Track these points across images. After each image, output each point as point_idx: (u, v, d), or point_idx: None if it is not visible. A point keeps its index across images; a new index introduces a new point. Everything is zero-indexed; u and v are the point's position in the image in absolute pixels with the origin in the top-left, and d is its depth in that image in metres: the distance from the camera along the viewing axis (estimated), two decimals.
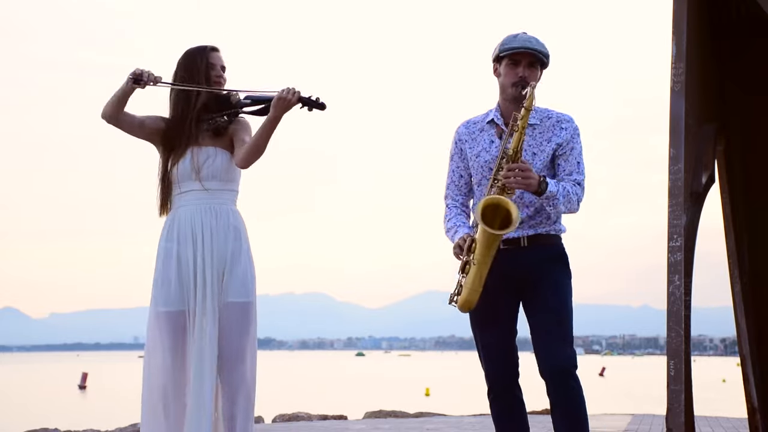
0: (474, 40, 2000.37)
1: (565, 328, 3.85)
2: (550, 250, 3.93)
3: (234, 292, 4.04)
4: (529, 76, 3.87)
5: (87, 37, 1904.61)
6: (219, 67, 4.16)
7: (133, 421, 11.01)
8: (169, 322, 4.04)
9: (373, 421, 9.36)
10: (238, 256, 4.07)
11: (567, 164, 3.92)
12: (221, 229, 4.07)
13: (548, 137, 3.93)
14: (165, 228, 4.13)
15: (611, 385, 43.66)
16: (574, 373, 3.82)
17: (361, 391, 36.70)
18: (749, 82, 5.11)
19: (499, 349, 3.94)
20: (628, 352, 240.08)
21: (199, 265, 4.03)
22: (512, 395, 3.97)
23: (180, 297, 4.04)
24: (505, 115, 3.95)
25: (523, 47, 3.86)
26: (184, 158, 4.08)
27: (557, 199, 3.81)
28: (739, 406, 7.71)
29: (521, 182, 3.74)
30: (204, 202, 4.08)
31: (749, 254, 5.23)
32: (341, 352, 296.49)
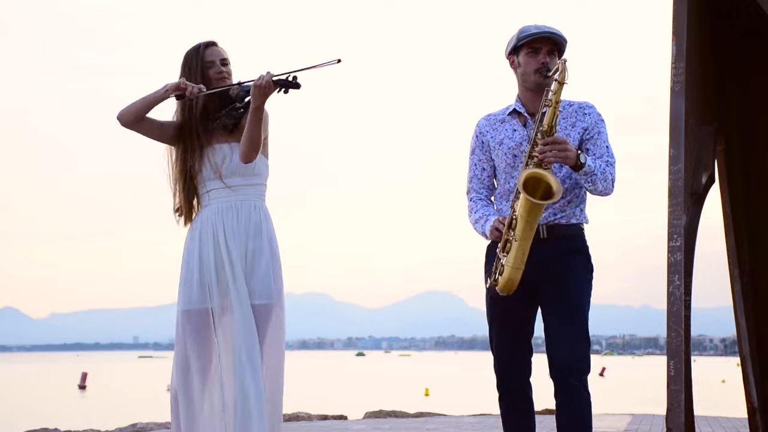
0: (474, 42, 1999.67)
1: (580, 330, 3.77)
2: (569, 242, 3.83)
3: (254, 294, 4.00)
4: (551, 62, 3.81)
5: (87, 37, 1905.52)
6: (218, 62, 4.07)
7: (133, 421, 11.00)
8: (191, 320, 4.02)
9: (373, 421, 9.36)
10: (259, 255, 4.02)
11: (596, 148, 3.84)
12: (242, 228, 4.02)
13: (572, 122, 3.86)
14: (191, 228, 4.11)
15: (611, 385, 43.67)
16: (583, 378, 3.75)
17: (361, 391, 36.69)
18: (749, 81, 5.11)
19: (511, 345, 3.87)
20: (628, 352, 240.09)
21: (223, 266, 4.00)
22: (521, 393, 3.91)
23: (201, 296, 4.01)
24: (527, 105, 3.89)
25: (543, 32, 3.80)
26: (202, 159, 4.05)
27: (595, 175, 3.73)
28: (739, 406, 7.71)
29: (558, 155, 3.65)
30: (225, 201, 4.04)
31: (749, 254, 5.23)
32: (341, 352, 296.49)
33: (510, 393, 3.92)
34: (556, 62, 3.80)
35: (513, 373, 3.90)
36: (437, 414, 11.20)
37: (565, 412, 3.78)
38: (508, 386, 3.91)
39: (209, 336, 4.01)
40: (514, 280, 3.68)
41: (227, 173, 4.04)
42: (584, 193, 3.90)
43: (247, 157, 3.97)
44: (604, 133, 3.87)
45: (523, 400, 3.93)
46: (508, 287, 3.70)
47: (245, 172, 4.05)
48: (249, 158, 3.98)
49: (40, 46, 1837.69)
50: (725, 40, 5.06)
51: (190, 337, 4.01)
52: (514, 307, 3.85)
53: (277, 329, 4.07)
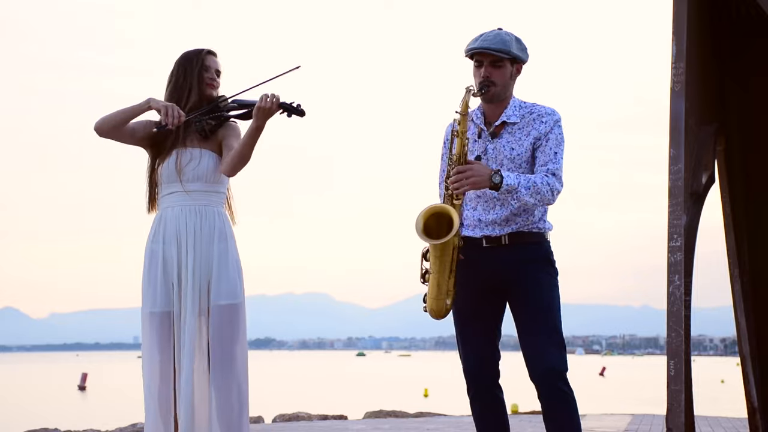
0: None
1: (554, 332, 3.80)
2: (532, 249, 3.86)
3: (223, 295, 4.06)
4: (493, 74, 3.81)
5: (87, 37, 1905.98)
6: (213, 71, 4.16)
7: (133, 421, 11.02)
8: (155, 323, 4.07)
9: (373, 421, 9.36)
10: (225, 258, 4.08)
11: (542, 155, 3.84)
12: (206, 232, 4.08)
13: (527, 132, 3.87)
14: (152, 229, 4.16)
15: (611, 385, 43.65)
16: (564, 377, 3.78)
17: (361, 391, 36.70)
18: (749, 81, 5.11)
19: (478, 348, 3.90)
20: (628, 352, 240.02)
21: (184, 267, 4.06)
22: (492, 395, 3.93)
23: (166, 298, 4.07)
24: (487, 115, 3.92)
25: (481, 48, 3.81)
26: (169, 159, 4.11)
27: (518, 191, 3.73)
28: (739, 406, 7.71)
29: (465, 183, 3.70)
30: (188, 204, 4.09)
31: (749, 254, 5.23)
32: (341, 352, 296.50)
33: (481, 394, 3.93)
34: (504, 72, 3.83)
35: (482, 373, 3.92)
36: (437, 414, 11.20)
37: (552, 416, 3.80)
38: (478, 386, 3.93)
39: (169, 339, 4.07)
40: (436, 309, 3.81)
41: (191, 177, 4.09)
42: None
43: (233, 170, 4.04)
44: (554, 139, 3.85)
45: (495, 401, 3.94)
46: (434, 315, 3.83)
47: (209, 179, 4.11)
48: (234, 172, 4.06)
49: (40, 46, 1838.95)
50: (725, 40, 5.06)
51: (158, 340, 4.07)
52: (484, 305, 3.90)
53: (245, 326, 4.13)
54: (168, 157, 4.11)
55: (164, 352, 4.06)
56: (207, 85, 4.14)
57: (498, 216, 3.86)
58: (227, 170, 4.04)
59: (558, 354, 3.78)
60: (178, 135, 4.11)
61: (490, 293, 3.88)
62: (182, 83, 4.12)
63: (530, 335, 3.81)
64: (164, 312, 4.07)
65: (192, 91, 4.11)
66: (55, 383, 50.34)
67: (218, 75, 4.19)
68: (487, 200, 3.88)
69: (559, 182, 3.82)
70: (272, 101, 3.90)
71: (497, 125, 3.89)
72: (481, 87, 3.82)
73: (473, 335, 3.91)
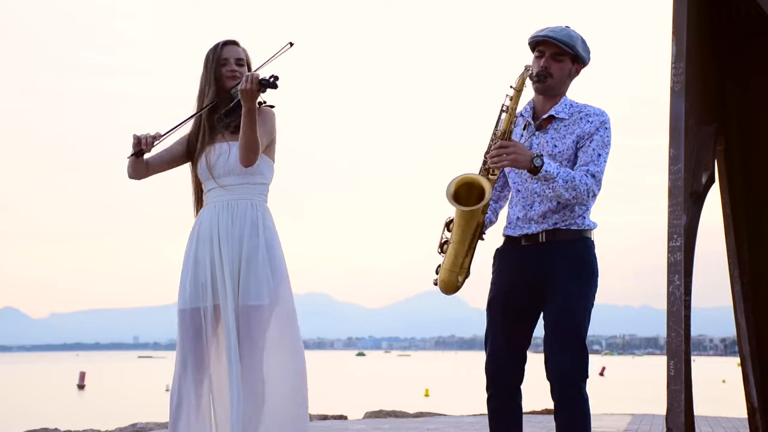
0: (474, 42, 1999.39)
1: (574, 338, 3.73)
2: (570, 249, 3.78)
3: (247, 295, 3.98)
4: (553, 66, 3.78)
5: (87, 37, 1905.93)
6: (232, 61, 4.09)
7: (133, 420, 11.00)
8: (185, 320, 4.03)
9: (373, 421, 9.35)
10: (254, 255, 4.00)
11: (584, 155, 3.77)
12: (237, 227, 4.02)
13: (572, 130, 3.81)
14: (191, 230, 4.13)
15: (611, 385, 43.66)
16: (580, 384, 3.72)
17: (361, 391, 36.70)
18: (749, 81, 5.11)
19: (503, 347, 3.83)
20: (628, 352, 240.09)
21: (217, 265, 4.00)
22: (510, 397, 3.86)
23: (195, 295, 4.02)
24: (537, 108, 3.88)
25: (546, 36, 3.77)
26: (200, 160, 4.08)
27: (556, 181, 3.66)
28: (739, 406, 7.71)
29: (506, 158, 3.63)
30: (221, 200, 4.05)
31: (749, 254, 5.23)
32: (341, 352, 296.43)
33: (500, 393, 3.86)
34: (564, 67, 3.80)
35: (507, 372, 3.85)
36: (437, 414, 11.19)
37: (559, 419, 3.77)
38: (498, 386, 3.86)
39: (201, 336, 4.02)
40: (447, 281, 3.78)
41: (222, 172, 4.04)
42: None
43: (247, 160, 3.93)
44: (599, 140, 3.78)
45: (512, 403, 3.88)
46: (443, 287, 3.81)
47: (242, 171, 4.03)
48: (249, 162, 3.94)
49: (40, 46, 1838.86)
50: (725, 40, 5.06)
51: (185, 337, 4.03)
52: (518, 306, 3.85)
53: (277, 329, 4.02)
54: (200, 157, 4.08)
55: (190, 349, 4.01)
56: (227, 79, 4.08)
57: (536, 212, 3.81)
58: (242, 161, 3.97)
59: (572, 360, 3.70)
60: (205, 134, 4.08)
61: (525, 294, 3.81)
62: (203, 83, 4.11)
63: (554, 339, 3.75)
64: (194, 308, 4.03)
65: (208, 89, 4.08)
66: (55, 383, 50.33)
67: (241, 64, 4.11)
68: (526, 196, 3.84)
69: (597, 185, 3.75)
70: (251, 82, 3.83)
71: (544, 119, 3.84)
72: (538, 75, 3.78)
73: (500, 333, 3.85)
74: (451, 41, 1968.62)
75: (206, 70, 4.11)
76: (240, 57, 4.13)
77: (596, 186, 3.75)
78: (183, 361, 4.03)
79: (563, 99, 3.86)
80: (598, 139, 3.79)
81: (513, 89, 3.72)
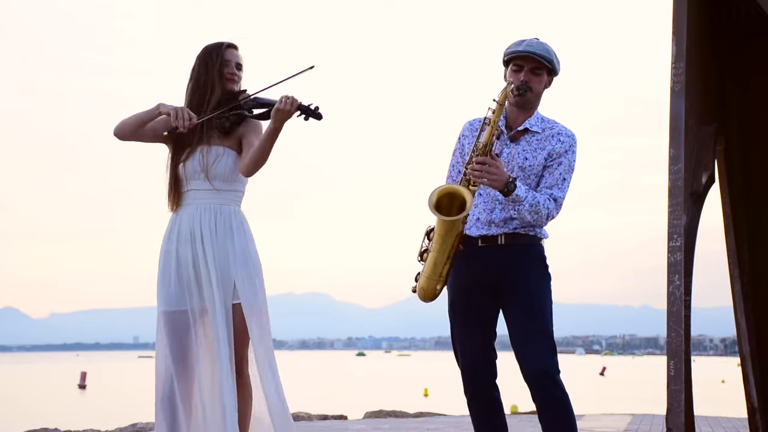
0: (473, 42, 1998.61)
1: (545, 335, 3.79)
2: (527, 251, 3.87)
3: (236, 294, 4.02)
4: (532, 80, 3.84)
5: (87, 36, 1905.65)
6: (233, 64, 4.13)
7: (133, 421, 11.00)
8: (169, 322, 4.04)
9: (373, 421, 9.35)
10: (241, 257, 4.04)
11: (550, 177, 3.87)
12: (222, 230, 4.05)
13: (543, 146, 3.88)
14: (168, 228, 4.13)
15: (611, 385, 43.66)
16: (556, 378, 3.77)
17: (361, 391, 36.71)
18: (749, 81, 5.11)
19: (474, 348, 3.89)
20: (628, 352, 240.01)
21: (201, 265, 4.02)
22: (489, 395, 3.92)
23: (180, 297, 4.03)
24: (509, 119, 3.92)
25: (526, 51, 3.82)
26: (194, 156, 4.08)
27: (522, 205, 3.77)
28: (739, 406, 7.71)
29: (486, 176, 3.71)
30: (207, 202, 4.07)
31: (749, 254, 5.23)
32: (341, 352, 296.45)
33: (478, 394, 3.92)
34: (541, 80, 3.86)
35: (479, 372, 3.91)
36: (437, 414, 11.20)
37: (544, 418, 3.81)
38: (475, 386, 3.92)
39: (189, 337, 4.04)
40: (426, 289, 3.83)
41: (214, 175, 4.07)
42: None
43: (250, 171, 4.02)
44: (566, 164, 3.87)
45: (492, 401, 3.93)
46: (422, 294, 3.86)
47: (230, 178, 4.09)
48: (251, 173, 4.03)
49: (40, 45, 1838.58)
50: (725, 40, 5.06)
51: (171, 339, 4.03)
52: (478, 305, 3.90)
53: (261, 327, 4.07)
54: (193, 154, 4.08)
55: (176, 351, 4.02)
56: (227, 80, 4.11)
57: (497, 217, 3.87)
58: (245, 171, 4.02)
59: (548, 357, 3.77)
60: (203, 133, 4.08)
61: (484, 292, 3.88)
62: (204, 80, 4.10)
63: (520, 338, 3.81)
64: (178, 311, 4.04)
65: (215, 87, 4.08)
66: (55, 383, 50.34)
67: (239, 68, 4.15)
68: (487, 201, 3.90)
69: (557, 209, 3.86)
70: (291, 104, 3.87)
71: (519, 130, 3.90)
72: (518, 89, 3.82)
73: (468, 334, 3.91)
74: (451, 41, 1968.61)
75: (208, 69, 4.11)
76: (240, 62, 4.17)
77: (556, 210, 3.87)
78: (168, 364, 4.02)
79: (536, 113, 3.93)
80: (565, 163, 3.88)
81: (496, 103, 3.77)
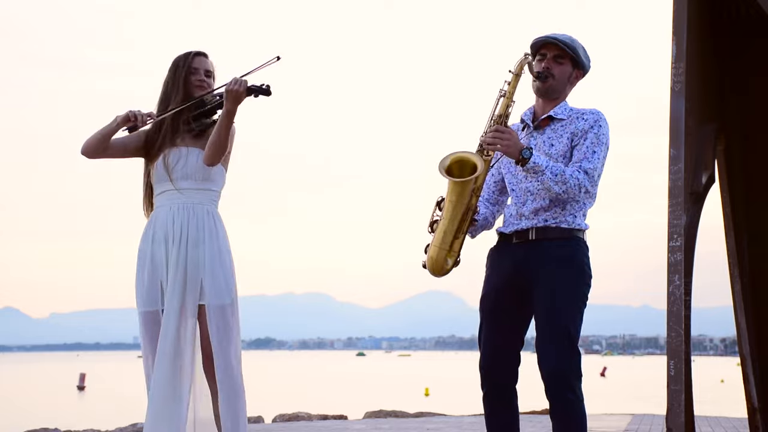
0: (474, 42, 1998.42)
1: (565, 338, 3.71)
2: (558, 249, 3.77)
3: (215, 294, 4.06)
4: (554, 68, 3.80)
5: (88, 35, 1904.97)
6: (202, 72, 4.16)
7: (133, 420, 11.01)
8: (147, 322, 4.12)
9: (373, 421, 9.35)
10: (217, 257, 4.08)
11: (578, 153, 3.78)
12: (195, 230, 4.08)
13: (569, 129, 3.83)
14: (144, 229, 4.18)
15: (611, 385, 43.66)
16: (573, 383, 3.70)
17: (361, 391, 36.70)
18: (749, 81, 5.11)
19: (496, 345, 3.83)
20: (628, 352, 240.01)
21: (171, 266, 4.06)
22: (505, 395, 3.86)
23: (153, 297, 4.10)
24: (536, 111, 3.90)
25: (547, 37, 3.80)
26: (158, 160, 4.13)
27: (544, 174, 3.67)
28: (739, 406, 7.71)
29: (500, 142, 3.66)
30: (178, 203, 4.10)
31: (749, 254, 5.23)
32: (341, 352, 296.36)
33: (494, 391, 3.86)
34: (565, 69, 3.83)
35: (499, 370, 3.85)
36: (437, 414, 11.19)
37: (555, 418, 3.77)
38: (493, 383, 3.85)
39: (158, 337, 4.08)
40: (436, 259, 3.73)
41: (180, 176, 4.10)
42: (583, 201, 3.84)
43: (211, 159, 4.04)
44: (593, 138, 3.78)
45: (507, 402, 3.88)
46: (431, 264, 3.75)
47: (198, 177, 4.11)
48: (213, 161, 4.05)
49: (40, 45, 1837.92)
50: (725, 40, 5.05)
51: (149, 339, 4.11)
52: (507, 305, 3.85)
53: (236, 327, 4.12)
54: (157, 158, 4.14)
55: (153, 351, 4.09)
56: (195, 87, 4.14)
57: (528, 209, 3.81)
58: (206, 159, 4.06)
59: (565, 359, 3.70)
60: (166, 136, 4.13)
61: (513, 293, 3.82)
62: (170, 87, 4.15)
63: (542, 338, 3.75)
64: (153, 311, 4.10)
65: (177, 93, 4.12)
66: (55, 383, 50.31)
67: (208, 75, 4.18)
68: (519, 195, 3.86)
69: (589, 181, 3.73)
70: (240, 84, 3.91)
71: (543, 119, 3.86)
72: (539, 74, 3.79)
73: (492, 331, 3.85)
74: (451, 42, 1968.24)
75: (174, 76, 4.15)
76: (209, 69, 4.20)
77: (589, 182, 3.73)
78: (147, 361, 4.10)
79: (563, 103, 3.88)
80: (592, 137, 3.79)
81: (511, 74, 3.74)
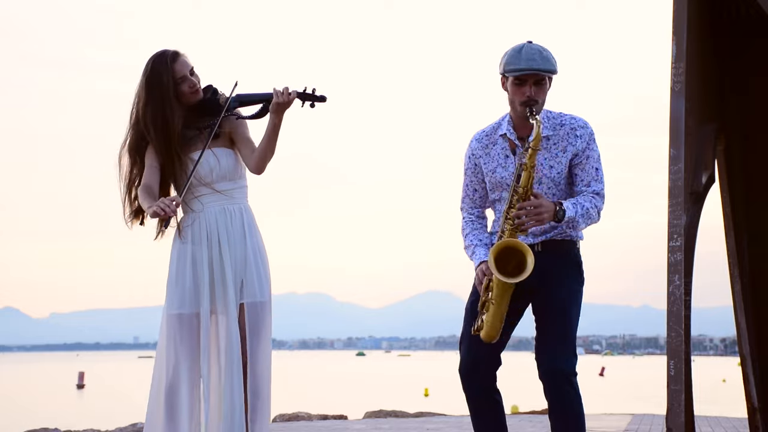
0: (474, 42, 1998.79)
1: (565, 336, 3.79)
2: (565, 253, 3.89)
3: (251, 293, 4.04)
4: (536, 93, 3.80)
5: (88, 35, 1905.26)
6: (188, 75, 4.02)
7: (133, 420, 11.01)
8: (183, 324, 4.02)
9: (373, 421, 9.35)
10: (254, 255, 4.07)
11: (584, 174, 3.87)
12: (236, 229, 4.06)
13: (563, 147, 3.86)
14: (183, 230, 4.09)
15: (611, 385, 43.66)
16: (572, 379, 3.77)
17: (361, 391, 36.71)
18: (749, 81, 5.10)
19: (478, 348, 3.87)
20: (628, 352, 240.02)
21: (216, 267, 4.03)
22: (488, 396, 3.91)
23: (195, 299, 4.03)
24: (517, 128, 3.89)
25: (528, 68, 3.76)
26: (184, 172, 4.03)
27: (577, 222, 3.81)
28: (739, 406, 7.71)
29: (534, 218, 3.72)
30: (217, 204, 4.07)
31: (749, 254, 5.22)
32: (341, 352, 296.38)
33: (476, 394, 3.91)
34: (545, 89, 3.81)
35: (477, 373, 3.90)
36: (437, 414, 11.19)
37: (554, 415, 3.81)
38: (472, 386, 3.91)
39: (198, 340, 4.04)
40: (492, 335, 3.83)
41: (216, 179, 4.07)
42: None
43: (260, 169, 4.03)
44: (594, 155, 3.88)
45: (491, 401, 3.92)
46: (488, 340, 3.84)
47: (233, 176, 4.10)
48: (261, 170, 4.04)
49: (40, 45, 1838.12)
50: (725, 40, 5.05)
51: (179, 341, 4.02)
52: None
53: (270, 325, 4.11)
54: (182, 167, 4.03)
55: (185, 353, 4.01)
56: (192, 95, 4.03)
57: (536, 228, 3.87)
58: (255, 169, 4.03)
59: (565, 356, 3.77)
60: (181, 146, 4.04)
61: (516, 295, 3.84)
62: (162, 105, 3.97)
63: (542, 335, 3.83)
64: (193, 313, 4.03)
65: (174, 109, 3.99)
66: (55, 383, 50.32)
67: (193, 73, 4.04)
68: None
69: (602, 201, 3.89)
70: (288, 94, 3.87)
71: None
72: (528, 108, 3.79)
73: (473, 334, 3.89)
74: (451, 42, 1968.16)
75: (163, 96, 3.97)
76: (191, 66, 4.06)
77: (602, 202, 3.90)
78: (177, 365, 4.02)
79: (542, 112, 3.88)
80: (593, 155, 3.89)
81: (531, 149, 3.73)
